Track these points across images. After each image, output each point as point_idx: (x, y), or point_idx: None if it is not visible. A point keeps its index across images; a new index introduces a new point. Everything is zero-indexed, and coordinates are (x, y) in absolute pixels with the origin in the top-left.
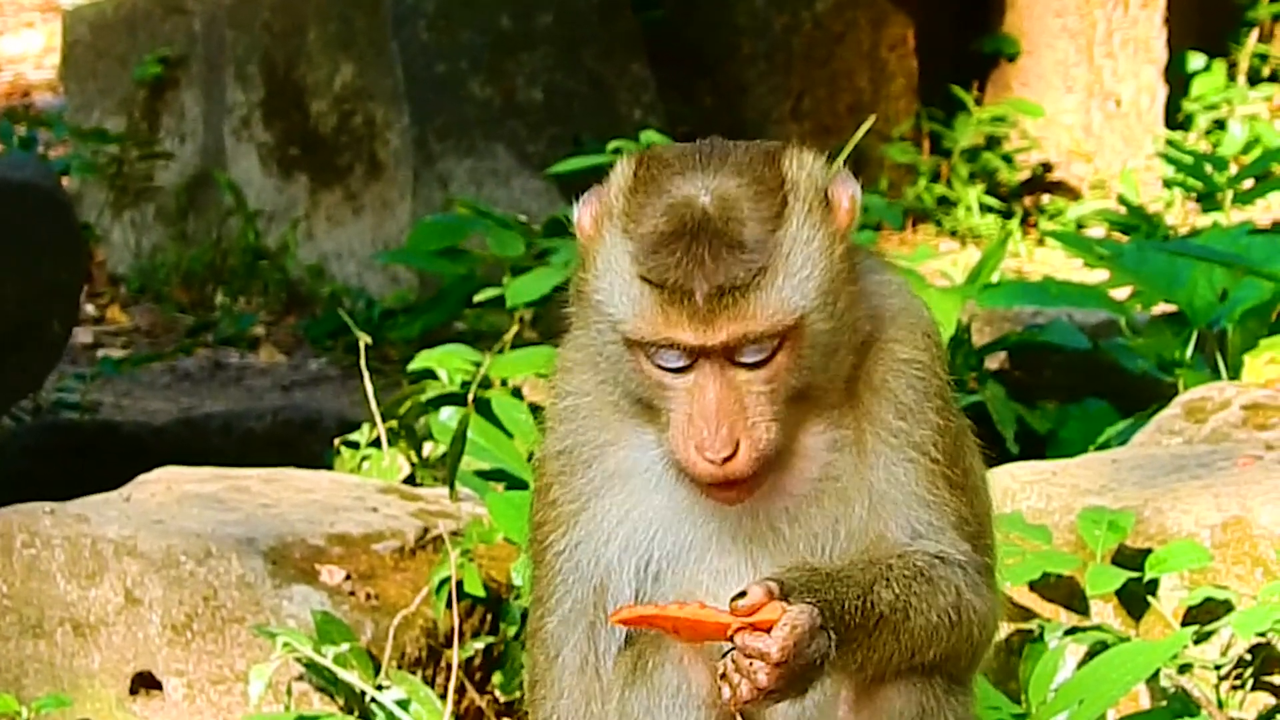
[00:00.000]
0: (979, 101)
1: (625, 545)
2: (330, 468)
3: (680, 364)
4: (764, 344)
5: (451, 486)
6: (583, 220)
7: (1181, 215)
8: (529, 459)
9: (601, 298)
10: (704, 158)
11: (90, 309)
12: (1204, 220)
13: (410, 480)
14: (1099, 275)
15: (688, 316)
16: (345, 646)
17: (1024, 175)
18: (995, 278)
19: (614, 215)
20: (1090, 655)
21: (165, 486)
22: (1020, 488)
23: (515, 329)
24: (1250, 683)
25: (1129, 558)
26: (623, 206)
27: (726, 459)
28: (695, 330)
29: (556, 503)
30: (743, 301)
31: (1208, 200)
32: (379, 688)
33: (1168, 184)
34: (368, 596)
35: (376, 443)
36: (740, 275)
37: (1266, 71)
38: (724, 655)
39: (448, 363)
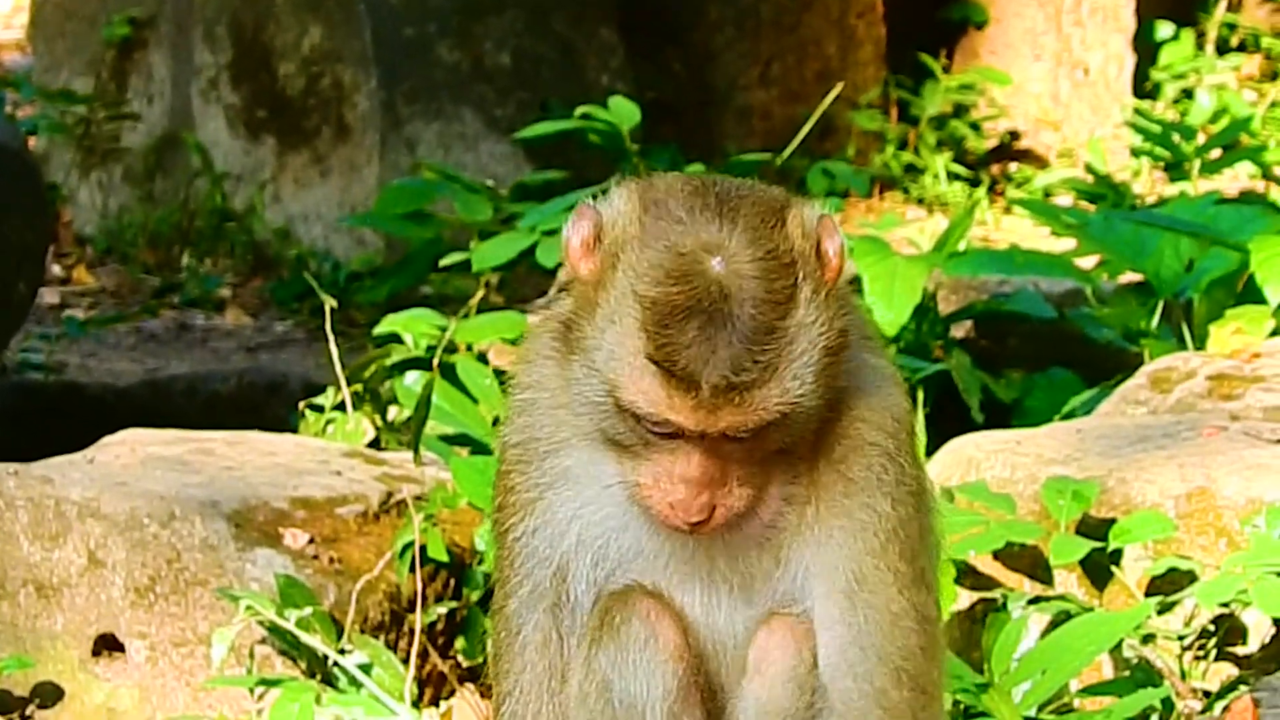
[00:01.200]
0: (947, 69)
1: (579, 540)
2: (295, 431)
3: (671, 432)
4: (760, 427)
5: (416, 451)
6: (573, 245)
7: (1149, 184)
8: (494, 423)
9: (598, 358)
10: (713, 212)
11: (56, 270)
12: (1171, 189)
13: (374, 444)
14: (1066, 244)
15: (691, 404)
16: (308, 610)
17: (991, 143)
18: (962, 246)
19: (620, 267)
20: (1053, 625)
21: (129, 448)
22: (985, 457)
23: (481, 293)
24: (1213, 653)
25: (1093, 527)
26: (631, 260)
27: (699, 522)
28: (696, 418)
29: (515, 489)
30: (748, 395)
31: (1175, 169)
32: (341, 652)
33: (1135, 153)
34: (331, 560)
35: (341, 406)
36: (749, 370)
37: (1235, 41)
38: None
39: (413, 327)
